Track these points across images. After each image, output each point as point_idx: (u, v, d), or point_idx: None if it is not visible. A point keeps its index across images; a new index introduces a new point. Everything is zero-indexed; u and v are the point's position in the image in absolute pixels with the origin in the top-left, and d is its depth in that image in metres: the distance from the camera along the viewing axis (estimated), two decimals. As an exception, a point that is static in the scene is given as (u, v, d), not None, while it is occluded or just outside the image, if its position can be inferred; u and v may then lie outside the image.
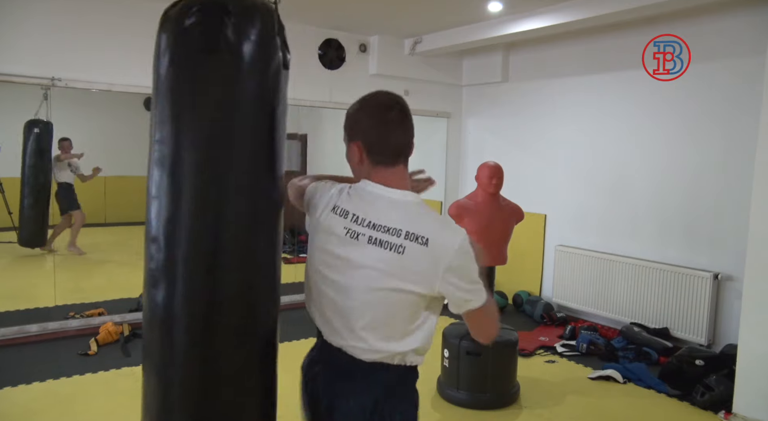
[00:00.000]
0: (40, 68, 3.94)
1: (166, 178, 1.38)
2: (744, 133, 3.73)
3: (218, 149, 1.37)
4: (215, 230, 1.37)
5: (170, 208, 1.38)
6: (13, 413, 3.01)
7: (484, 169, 3.27)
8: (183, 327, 1.39)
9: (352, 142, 1.42)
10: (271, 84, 1.46)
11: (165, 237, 1.38)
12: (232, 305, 1.40)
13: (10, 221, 6.19)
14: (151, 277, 1.41)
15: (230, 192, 1.38)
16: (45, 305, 4.59)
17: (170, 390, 1.45)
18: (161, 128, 1.39)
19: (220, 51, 1.35)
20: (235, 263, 1.40)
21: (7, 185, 6.24)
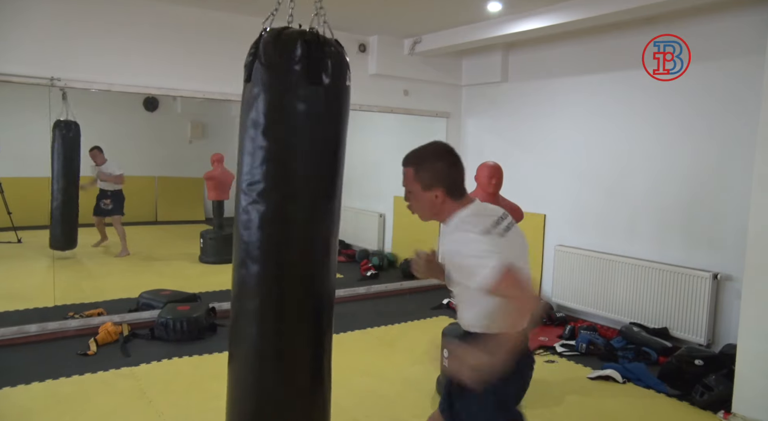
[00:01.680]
0: (39, 68, 3.94)
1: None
2: (744, 133, 3.74)
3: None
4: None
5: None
6: (13, 413, 3.01)
7: (484, 169, 3.27)
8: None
9: (438, 189, 1.74)
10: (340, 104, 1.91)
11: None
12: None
13: (10, 221, 6.20)
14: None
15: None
16: (44, 305, 4.59)
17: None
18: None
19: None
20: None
21: (6, 185, 6.24)
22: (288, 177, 1.77)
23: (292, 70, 1.72)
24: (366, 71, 5.42)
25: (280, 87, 1.74)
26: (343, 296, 5.43)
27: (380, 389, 3.43)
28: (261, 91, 1.73)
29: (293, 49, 1.73)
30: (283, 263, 1.80)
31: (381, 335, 4.44)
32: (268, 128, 1.73)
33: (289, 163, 1.77)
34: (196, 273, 6.24)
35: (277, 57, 1.71)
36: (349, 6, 4.41)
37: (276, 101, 1.73)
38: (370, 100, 5.43)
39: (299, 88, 1.73)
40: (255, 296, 1.81)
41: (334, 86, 1.82)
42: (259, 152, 1.74)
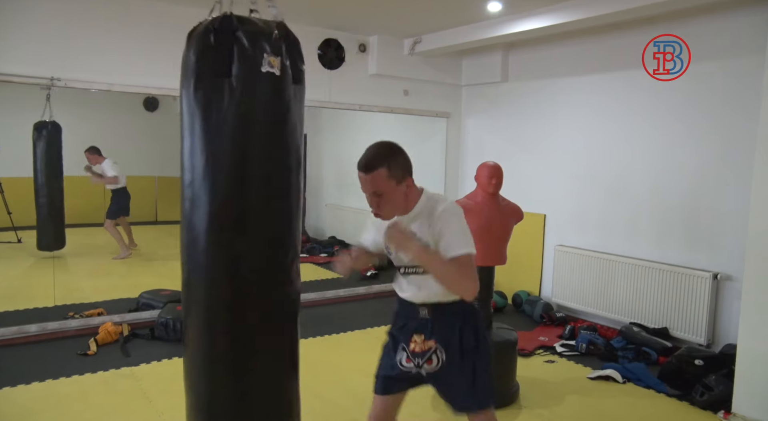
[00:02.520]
0: (39, 68, 3.94)
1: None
2: (743, 132, 3.74)
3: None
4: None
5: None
6: (13, 413, 3.01)
7: (484, 169, 3.27)
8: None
9: (409, 178, 1.88)
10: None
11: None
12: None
13: (10, 221, 6.20)
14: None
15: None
16: (44, 305, 4.59)
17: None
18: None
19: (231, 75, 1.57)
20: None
21: (6, 185, 6.25)
22: (222, 178, 1.65)
23: (197, 64, 1.60)
24: (366, 71, 5.42)
25: (189, 84, 1.64)
26: (343, 296, 5.44)
27: (380, 389, 3.42)
28: (181, 90, 1.67)
29: (201, 40, 1.61)
30: (231, 270, 1.70)
31: (381, 335, 4.38)
32: (185, 129, 1.67)
33: (220, 164, 1.65)
34: (196, 273, 6.22)
35: (188, 53, 1.62)
36: (349, 6, 4.41)
37: (189, 101, 1.64)
38: (370, 100, 5.43)
39: (202, 82, 1.60)
40: (202, 302, 1.73)
41: (244, 76, 1.60)
42: (187, 153, 1.67)
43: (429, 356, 1.92)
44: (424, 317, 1.93)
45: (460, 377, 1.92)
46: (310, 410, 3.01)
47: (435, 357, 1.91)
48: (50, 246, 5.79)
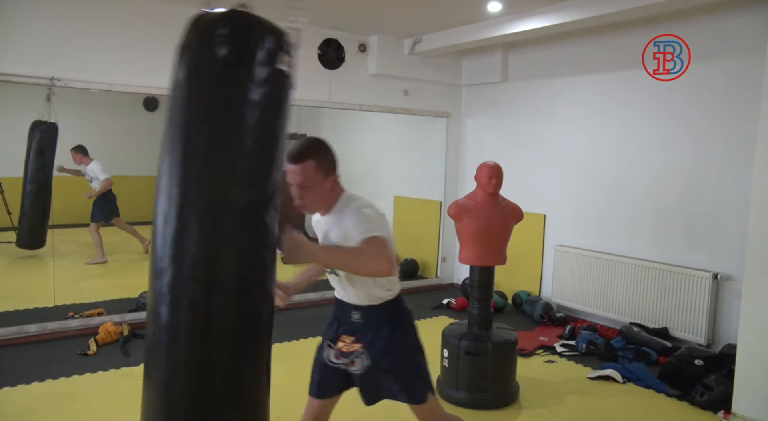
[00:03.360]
0: (39, 68, 3.94)
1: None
2: (743, 132, 3.74)
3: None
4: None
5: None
6: (13, 413, 3.01)
7: (484, 169, 3.27)
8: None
9: (335, 174, 1.90)
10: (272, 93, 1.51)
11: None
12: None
13: (10, 221, 6.20)
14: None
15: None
16: (44, 305, 4.59)
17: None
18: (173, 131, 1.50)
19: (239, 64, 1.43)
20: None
21: (6, 185, 6.24)
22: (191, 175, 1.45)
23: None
24: (366, 71, 5.42)
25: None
26: (343, 296, 5.43)
27: (380, 389, 3.42)
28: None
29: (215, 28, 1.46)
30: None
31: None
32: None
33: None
34: (196, 273, 6.22)
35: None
36: (349, 6, 4.41)
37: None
38: (370, 100, 5.43)
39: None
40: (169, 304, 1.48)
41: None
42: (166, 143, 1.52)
43: (353, 358, 1.98)
44: (356, 321, 1.99)
45: (386, 383, 1.99)
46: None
47: (358, 361, 1.97)
48: (31, 245, 5.74)
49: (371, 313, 1.97)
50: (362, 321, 1.98)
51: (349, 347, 1.99)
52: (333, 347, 2.03)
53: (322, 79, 5.12)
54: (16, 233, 5.67)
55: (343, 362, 2.01)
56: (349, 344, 1.99)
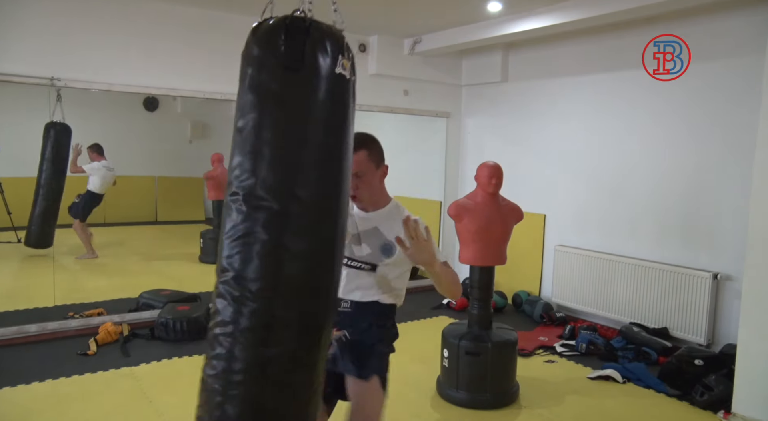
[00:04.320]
0: (40, 68, 3.94)
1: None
2: (743, 133, 3.74)
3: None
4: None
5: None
6: (13, 413, 3.01)
7: (484, 169, 3.27)
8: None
9: (384, 166, 1.98)
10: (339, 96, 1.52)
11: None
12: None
13: (9, 221, 6.20)
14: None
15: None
16: (44, 305, 4.59)
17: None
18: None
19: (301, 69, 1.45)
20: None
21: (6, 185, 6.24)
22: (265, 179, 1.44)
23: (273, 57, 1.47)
24: (366, 71, 5.42)
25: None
26: (343, 296, 5.44)
27: (380, 389, 3.42)
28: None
29: (275, 36, 1.48)
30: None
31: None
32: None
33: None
34: (196, 273, 6.23)
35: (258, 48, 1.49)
36: (349, 6, 4.40)
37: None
38: (370, 100, 5.43)
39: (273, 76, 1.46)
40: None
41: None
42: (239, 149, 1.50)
43: (332, 341, 1.94)
44: (344, 309, 1.97)
45: (352, 354, 1.95)
46: (310, 410, 3.01)
47: (335, 343, 1.94)
48: (38, 244, 5.75)
49: (361, 307, 1.97)
50: (350, 309, 1.96)
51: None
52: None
53: (322, 79, 5.11)
54: (26, 231, 5.68)
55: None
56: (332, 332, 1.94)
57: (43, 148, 5.62)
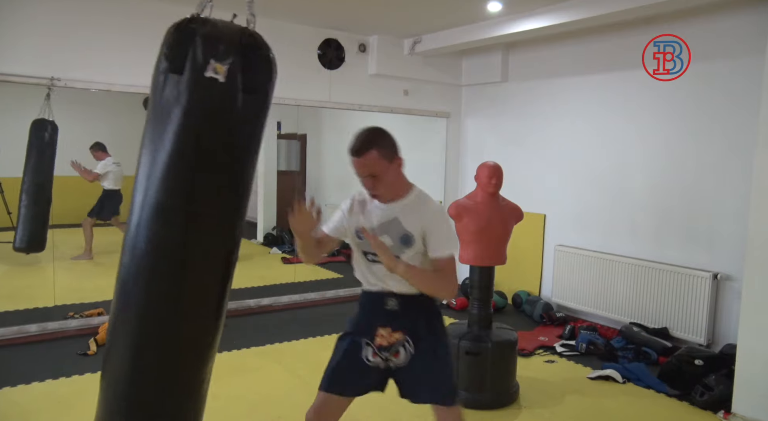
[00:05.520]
0: (39, 68, 3.94)
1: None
2: (743, 133, 3.74)
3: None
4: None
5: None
6: (13, 413, 3.01)
7: (484, 169, 3.27)
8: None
9: (398, 159, 1.95)
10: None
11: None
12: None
13: (9, 221, 6.19)
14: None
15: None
16: (44, 305, 4.59)
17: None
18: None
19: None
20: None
21: (6, 185, 6.24)
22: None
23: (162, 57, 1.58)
24: (366, 71, 5.42)
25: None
26: (343, 296, 5.44)
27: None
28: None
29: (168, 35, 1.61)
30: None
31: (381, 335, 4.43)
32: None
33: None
34: (196, 273, 6.22)
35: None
36: (349, 6, 4.41)
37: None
38: (370, 100, 5.43)
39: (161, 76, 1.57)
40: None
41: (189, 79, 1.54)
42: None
43: (396, 349, 1.92)
44: (392, 309, 1.93)
45: (427, 370, 1.92)
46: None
47: (402, 350, 1.91)
48: (28, 248, 5.70)
49: (408, 300, 1.93)
50: (398, 308, 1.93)
51: (389, 339, 1.92)
52: (371, 344, 1.95)
53: (322, 79, 5.12)
54: (14, 235, 5.63)
55: (383, 356, 1.94)
56: (388, 336, 1.92)
57: (29, 146, 5.55)
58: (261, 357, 3.86)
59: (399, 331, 1.92)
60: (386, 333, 1.93)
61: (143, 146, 1.63)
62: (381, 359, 1.94)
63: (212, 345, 1.70)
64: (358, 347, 1.96)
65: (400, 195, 1.95)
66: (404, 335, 1.91)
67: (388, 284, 1.93)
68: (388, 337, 1.92)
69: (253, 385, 3.41)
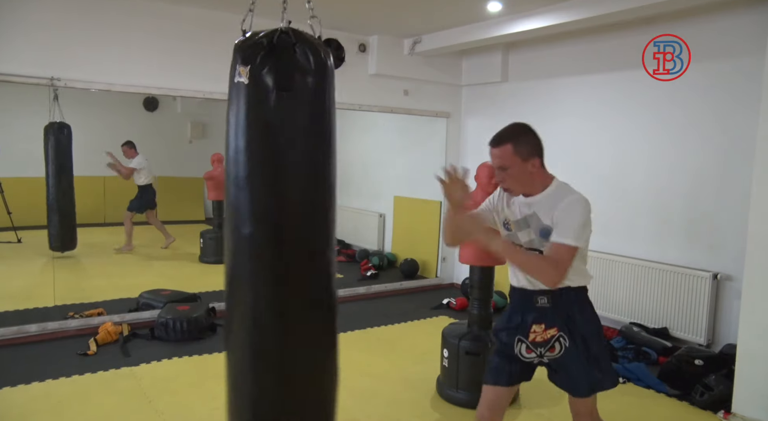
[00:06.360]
0: (39, 68, 3.94)
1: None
2: (744, 133, 3.74)
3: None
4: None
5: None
6: (13, 413, 3.01)
7: (484, 169, 3.27)
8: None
9: (535, 158, 1.97)
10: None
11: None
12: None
13: (9, 221, 6.20)
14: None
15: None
16: (44, 305, 4.60)
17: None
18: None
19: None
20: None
21: (6, 185, 6.25)
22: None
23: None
24: (366, 71, 5.42)
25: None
26: (343, 296, 5.43)
27: (380, 389, 3.42)
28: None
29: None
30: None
31: (381, 335, 4.44)
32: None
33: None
34: (196, 273, 6.24)
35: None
36: (349, 6, 4.41)
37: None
38: (370, 100, 5.43)
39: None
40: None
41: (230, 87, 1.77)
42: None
43: (551, 344, 1.95)
44: (543, 306, 1.95)
45: (581, 363, 1.96)
46: (310, 410, 3.01)
47: (558, 344, 1.95)
48: (62, 247, 5.87)
49: (559, 296, 1.95)
50: (549, 305, 1.95)
51: (543, 336, 1.96)
52: (525, 340, 1.99)
53: (322, 79, 5.11)
54: (48, 235, 5.73)
55: (538, 352, 1.99)
56: (542, 332, 1.96)
57: (46, 150, 5.64)
58: (261, 357, 3.86)
59: (553, 327, 1.95)
60: (540, 330, 1.96)
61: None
62: (536, 355, 1.99)
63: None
64: (511, 343, 2.01)
65: (538, 190, 1.98)
66: (558, 330, 1.94)
67: (534, 280, 1.95)
68: (542, 333, 1.96)
69: (253, 385, 3.41)
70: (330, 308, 1.85)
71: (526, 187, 1.97)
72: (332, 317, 1.86)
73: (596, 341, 1.99)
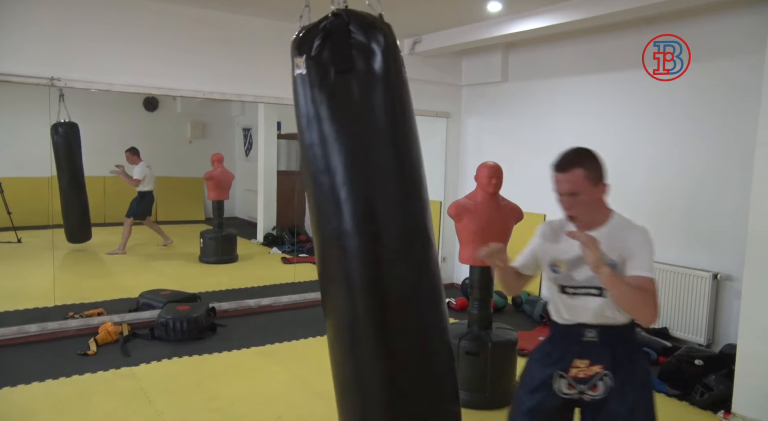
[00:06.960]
0: (39, 68, 3.93)
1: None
2: (743, 132, 3.73)
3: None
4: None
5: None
6: (13, 413, 3.01)
7: (484, 169, 3.27)
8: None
9: (603, 184, 1.90)
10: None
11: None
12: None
13: (9, 220, 6.20)
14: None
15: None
16: (44, 305, 4.59)
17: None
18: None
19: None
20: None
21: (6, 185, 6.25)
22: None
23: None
24: (366, 71, 5.41)
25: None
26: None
27: (380, 389, 3.42)
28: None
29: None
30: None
31: (381, 335, 4.43)
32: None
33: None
34: (196, 273, 6.24)
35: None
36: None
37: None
38: (370, 100, 5.43)
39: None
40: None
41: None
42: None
43: (594, 383, 1.79)
44: (591, 340, 1.81)
45: (625, 408, 1.77)
46: (313, 409, 3.00)
47: (601, 383, 1.78)
48: (81, 238, 6.16)
49: (608, 331, 1.80)
50: (597, 339, 1.80)
51: (586, 372, 1.80)
52: (565, 376, 1.82)
53: (322, 79, 5.11)
54: (64, 229, 5.95)
55: (579, 389, 1.81)
56: (586, 368, 1.80)
57: (56, 148, 5.75)
58: (261, 357, 3.86)
59: (598, 364, 1.79)
60: (583, 365, 1.81)
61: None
62: (576, 392, 1.82)
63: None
64: (550, 379, 1.85)
65: (599, 221, 1.84)
66: (603, 368, 1.79)
67: (585, 318, 1.82)
68: (585, 369, 1.80)
69: (254, 385, 3.41)
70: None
71: (594, 214, 1.84)
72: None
73: (646, 392, 1.81)
